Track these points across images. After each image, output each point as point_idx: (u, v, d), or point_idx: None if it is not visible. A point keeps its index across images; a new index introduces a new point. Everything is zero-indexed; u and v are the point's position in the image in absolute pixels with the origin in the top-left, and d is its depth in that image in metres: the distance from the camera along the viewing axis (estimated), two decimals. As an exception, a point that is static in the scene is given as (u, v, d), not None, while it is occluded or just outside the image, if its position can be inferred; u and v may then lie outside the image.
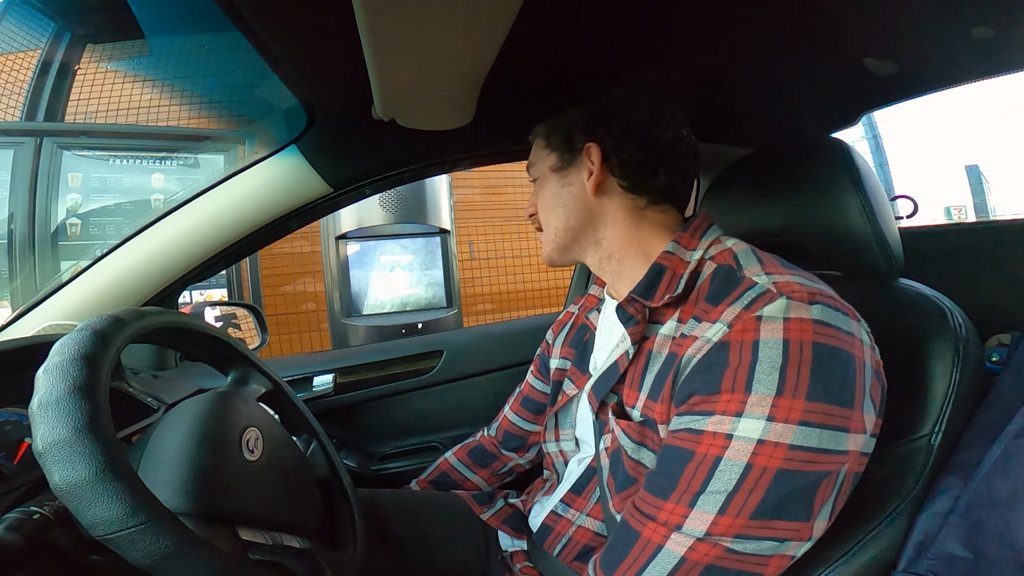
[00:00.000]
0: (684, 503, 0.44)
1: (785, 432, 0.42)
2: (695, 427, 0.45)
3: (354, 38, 0.48)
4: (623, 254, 0.61)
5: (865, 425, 0.44)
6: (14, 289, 2.26)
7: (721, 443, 0.43)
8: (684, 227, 0.59)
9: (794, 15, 0.57)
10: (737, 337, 0.45)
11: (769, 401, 0.42)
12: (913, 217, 1.11)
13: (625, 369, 0.56)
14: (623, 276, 0.61)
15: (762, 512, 0.42)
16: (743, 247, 0.55)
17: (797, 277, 0.49)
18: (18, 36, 2.82)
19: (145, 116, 2.84)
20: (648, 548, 0.46)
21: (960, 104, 5.86)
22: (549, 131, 0.64)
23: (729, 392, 0.44)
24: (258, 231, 0.84)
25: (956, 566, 0.45)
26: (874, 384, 0.46)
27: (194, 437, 0.48)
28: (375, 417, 1.14)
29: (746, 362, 0.44)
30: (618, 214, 0.60)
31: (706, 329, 0.48)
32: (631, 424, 0.53)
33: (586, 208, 0.61)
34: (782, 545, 0.43)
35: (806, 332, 0.43)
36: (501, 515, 0.78)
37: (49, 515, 0.42)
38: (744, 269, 0.51)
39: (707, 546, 0.43)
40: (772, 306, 0.45)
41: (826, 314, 0.45)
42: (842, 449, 0.43)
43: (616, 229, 0.60)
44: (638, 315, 0.55)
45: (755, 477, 0.42)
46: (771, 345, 0.43)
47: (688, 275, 0.54)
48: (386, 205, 2.47)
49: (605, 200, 0.60)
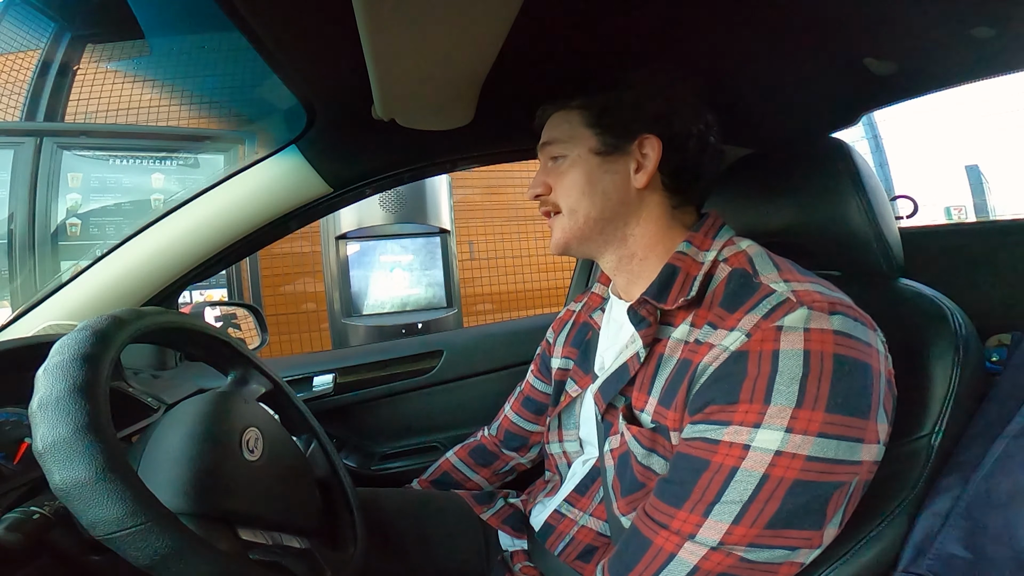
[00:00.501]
0: (698, 512, 0.44)
1: (804, 444, 0.41)
2: (711, 436, 0.45)
3: (354, 38, 0.48)
4: (647, 253, 0.59)
5: (879, 435, 0.44)
6: (14, 289, 2.26)
7: (738, 453, 0.43)
8: (696, 227, 0.58)
9: (794, 15, 0.57)
10: (756, 347, 0.45)
11: (788, 413, 0.42)
12: (913, 217, 1.11)
13: (635, 372, 0.55)
14: (641, 277, 0.60)
15: (776, 522, 0.42)
16: (757, 249, 0.54)
17: (816, 286, 0.48)
18: (18, 36, 2.82)
19: (145, 116, 2.84)
20: (660, 556, 0.46)
21: (960, 104, 5.87)
22: (601, 110, 0.58)
23: (748, 403, 0.43)
24: (258, 231, 0.84)
25: (956, 566, 0.45)
26: (887, 394, 0.45)
27: (194, 437, 0.48)
28: (375, 417, 1.14)
29: (765, 373, 0.43)
30: (654, 212, 0.58)
31: (723, 337, 0.47)
32: (642, 430, 0.53)
33: (625, 201, 0.58)
34: (793, 553, 0.43)
35: (827, 343, 0.43)
36: (501, 515, 0.78)
37: (49, 515, 0.42)
38: (760, 275, 0.50)
39: (720, 555, 0.43)
40: (792, 316, 0.45)
41: (847, 325, 0.44)
42: (856, 459, 0.43)
43: (648, 227, 0.59)
44: (650, 317, 0.54)
45: (771, 488, 0.42)
46: (791, 356, 0.43)
47: (702, 277, 0.53)
48: (386, 205, 2.47)
49: (646, 195, 0.58)
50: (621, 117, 0.57)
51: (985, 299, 0.81)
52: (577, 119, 0.60)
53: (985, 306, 0.70)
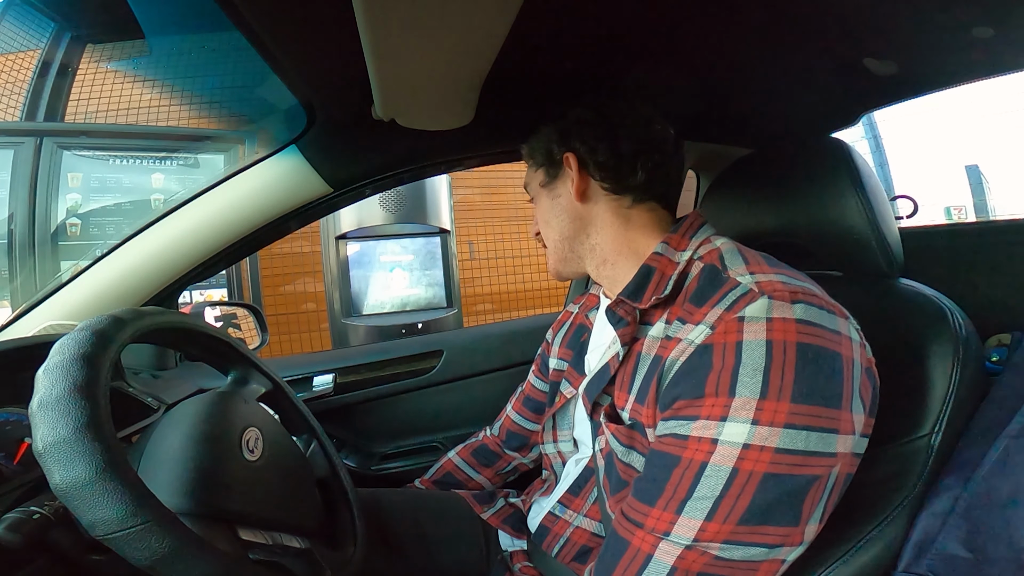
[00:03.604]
0: (671, 509, 0.44)
1: (771, 436, 0.41)
2: (680, 432, 0.45)
3: (354, 38, 0.48)
4: (616, 257, 0.61)
5: (855, 425, 0.44)
6: (14, 289, 2.26)
7: (707, 448, 0.43)
8: (675, 228, 0.58)
9: (794, 15, 0.57)
10: (720, 339, 0.45)
11: (753, 404, 0.41)
12: (913, 217, 1.11)
13: (616, 371, 0.56)
14: (618, 280, 0.61)
15: (750, 518, 0.42)
16: (730, 246, 0.54)
17: (780, 276, 0.48)
18: (18, 36, 2.82)
19: (145, 116, 2.83)
20: (638, 558, 0.45)
21: (960, 104, 5.86)
22: (531, 150, 0.66)
23: (713, 396, 0.43)
24: (258, 231, 0.84)
25: (956, 566, 0.45)
26: (864, 383, 0.45)
27: (194, 437, 0.48)
28: (375, 417, 1.14)
29: (729, 365, 0.43)
30: (605, 217, 0.61)
31: (689, 331, 0.47)
32: (620, 428, 0.53)
33: (576, 216, 0.62)
34: (772, 551, 0.43)
35: (789, 332, 0.43)
36: (501, 515, 0.78)
37: (49, 515, 0.42)
38: (729, 269, 0.51)
39: (695, 554, 0.43)
40: (754, 306, 0.45)
41: (809, 312, 0.44)
42: (831, 451, 0.42)
43: (606, 233, 0.61)
44: (627, 317, 0.55)
45: (741, 482, 0.41)
46: (754, 347, 0.43)
47: (677, 276, 0.54)
48: (386, 205, 2.47)
49: (592, 205, 0.61)
50: (544, 148, 0.64)
51: (985, 299, 0.81)
52: (528, 164, 0.68)
53: (985, 306, 0.70)
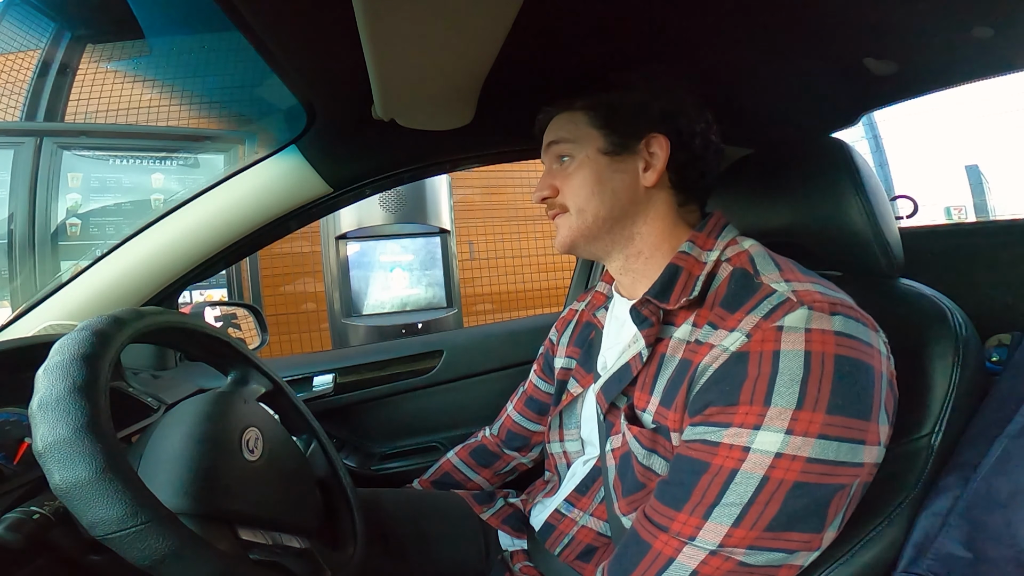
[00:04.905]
0: (698, 515, 0.44)
1: (804, 445, 0.41)
2: (711, 439, 0.45)
3: (354, 38, 0.48)
4: (653, 252, 0.59)
5: (880, 436, 0.44)
6: (14, 289, 2.26)
7: (738, 455, 0.43)
8: (700, 227, 0.58)
9: (794, 15, 0.57)
10: (756, 347, 0.44)
11: (788, 414, 0.41)
12: (913, 217, 1.11)
13: (638, 372, 0.55)
14: (645, 276, 0.60)
15: (776, 524, 0.42)
16: (759, 249, 0.54)
17: (817, 285, 0.48)
18: (18, 36, 2.82)
19: (145, 116, 2.83)
20: (659, 560, 0.45)
21: (960, 104, 5.87)
22: (608, 110, 0.59)
23: (748, 404, 0.43)
24: (258, 231, 0.84)
25: (956, 566, 0.45)
26: (888, 395, 0.45)
27: (194, 437, 0.48)
28: (375, 417, 1.14)
29: (765, 374, 0.43)
30: (661, 210, 0.59)
31: (723, 337, 0.47)
32: (643, 431, 0.52)
33: (634, 200, 0.58)
34: (791, 556, 0.43)
35: (828, 344, 0.43)
36: (501, 515, 0.78)
37: (49, 515, 0.42)
38: (761, 274, 0.50)
39: (719, 560, 0.43)
40: (793, 316, 0.44)
41: (848, 326, 0.44)
42: (858, 461, 0.42)
43: (655, 226, 0.59)
44: (652, 317, 0.54)
45: (771, 490, 0.41)
46: (792, 357, 0.43)
47: (704, 277, 0.53)
48: (386, 205, 2.47)
49: (654, 193, 0.58)
50: (628, 117, 0.58)
51: (985, 299, 0.81)
52: (583, 120, 0.60)
53: (985, 306, 0.70)
